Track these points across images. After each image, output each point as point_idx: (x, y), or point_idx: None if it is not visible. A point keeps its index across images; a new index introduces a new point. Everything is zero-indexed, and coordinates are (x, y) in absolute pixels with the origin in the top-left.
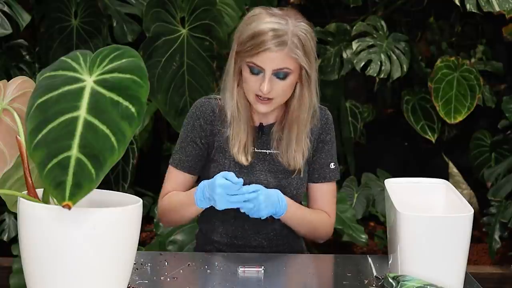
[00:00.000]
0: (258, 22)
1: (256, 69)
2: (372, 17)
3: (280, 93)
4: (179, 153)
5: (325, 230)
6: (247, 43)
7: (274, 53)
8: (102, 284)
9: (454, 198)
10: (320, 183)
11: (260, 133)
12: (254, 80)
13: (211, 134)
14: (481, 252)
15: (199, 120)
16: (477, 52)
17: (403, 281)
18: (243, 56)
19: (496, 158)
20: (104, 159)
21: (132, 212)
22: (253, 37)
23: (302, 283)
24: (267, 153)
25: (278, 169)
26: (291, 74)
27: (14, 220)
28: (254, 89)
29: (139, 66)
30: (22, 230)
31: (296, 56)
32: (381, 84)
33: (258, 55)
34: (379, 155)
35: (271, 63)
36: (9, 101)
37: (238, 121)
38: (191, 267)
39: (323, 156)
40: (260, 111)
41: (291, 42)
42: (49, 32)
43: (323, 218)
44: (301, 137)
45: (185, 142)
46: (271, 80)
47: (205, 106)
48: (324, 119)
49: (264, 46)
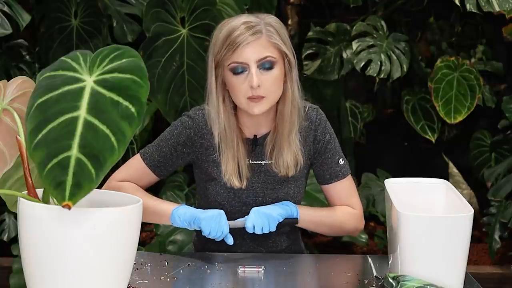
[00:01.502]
0: (228, 24)
1: (240, 67)
2: (372, 17)
3: (271, 87)
4: (153, 149)
5: (353, 223)
6: (223, 46)
7: (253, 43)
8: (102, 284)
9: (454, 198)
10: (334, 183)
11: (254, 146)
12: (240, 81)
13: (201, 147)
14: (481, 252)
15: (190, 130)
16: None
17: (403, 281)
18: (223, 61)
19: (496, 158)
20: (104, 159)
21: (132, 212)
22: (227, 37)
23: (302, 283)
24: (262, 164)
25: (274, 180)
26: (276, 64)
27: (14, 220)
28: (243, 91)
29: (139, 66)
30: (22, 230)
31: (276, 42)
32: (381, 84)
33: (236, 51)
34: (379, 155)
35: (253, 55)
36: (9, 101)
37: (226, 139)
38: (191, 267)
39: (328, 156)
40: (254, 112)
41: (266, 31)
42: (49, 32)
43: (347, 212)
44: (291, 138)
45: (164, 142)
46: (258, 74)
47: (200, 117)
48: (317, 120)
49: (240, 40)
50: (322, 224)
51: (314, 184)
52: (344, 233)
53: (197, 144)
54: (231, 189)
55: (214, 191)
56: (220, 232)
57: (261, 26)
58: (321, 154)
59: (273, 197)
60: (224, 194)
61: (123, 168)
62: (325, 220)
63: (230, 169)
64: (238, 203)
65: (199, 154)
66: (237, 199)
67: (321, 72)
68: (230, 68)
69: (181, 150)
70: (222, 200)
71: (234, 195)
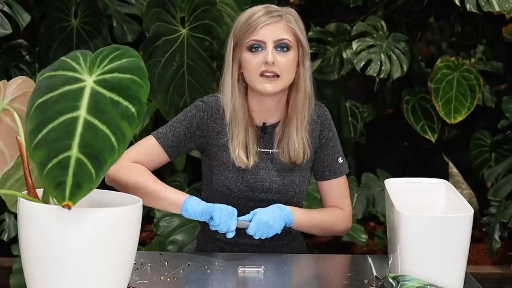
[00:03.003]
0: (250, 10)
1: (257, 44)
2: (372, 17)
3: (285, 67)
4: (167, 129)
5: (342, 225)
6: (243, 27)
7: (272, 24)
8: (102, 284)
9: (454, 198)
10: (331, 180)
11: (263, 133)
12: (256, 58)
13: (213, 131)
14: (481, 252)
15: (204, 112)
16: (477, 52)
17: (403, 281)
18: (241, 40)
19: (496, 158)
20: (104, 159)
21: (132, 212)
22: (248, 18)
23: (302, 283)
24: (270, 152)
25: (281, 168)
26: (292, 48)
27: (14, 220)
28: (257, 67)
29: (139, 66)
30: (22, 230)
31: (293, 27)
32: (381, 84)
33: (256, 30)
34: (379, 155)
35: (272, 34)
36: (9, 101)
37: (236, 122)
38: (191, 267)
39: (330, 153)
40: (266, 90)
41: (286, 17)
42: (49, 32)
43: (336, 214)
44: (301, 128)
45: (178, 123)
46: (273, 53)
47: (213, 103)
48: (323, 116)
49: (260, 21)
50: (314, 227)
51: (314, 184)
52: (333, 234)
53: (209, 128)
54: (239, 173)
55: (222, 176)
56: (227, 228)
57: (281, 12)
58: (323, 149)
59: (280, 183)
60: (233, 178)
61: (134, 148)
62: (317, 224)
63: (239, 148)
64: (246, 187)
65: (210, 138)
66: (245, 183)
67: (321, 72)
68: (247, 46)
69: (194, 132)
70: (230, 184)
71: (242, 179)
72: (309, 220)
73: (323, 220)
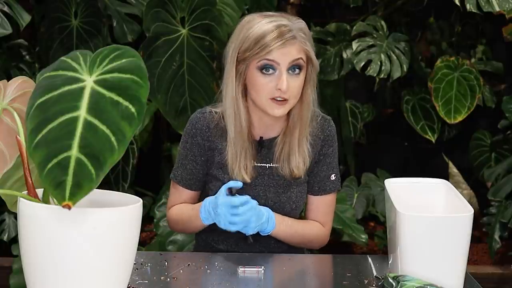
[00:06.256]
0: (259, 25)
1: (269, 65)
2: (372, 17)
3: (295, 92)
4: (180, 170)
5: (318, 241)
6: (254, 47)
7: (288, 47)
8: (102, 284)
9: (454, 198)
10: (319, 196)
11: (260, 148)
12: (267, 81)
13: (210, 149)
14: (481, 252)
15: (196, 137)
16: (477, 52)
17: (403, 281)
18: (251, 59)
19: (496, 158)
20: (104, 159)
21: (132, 212)
22: (261, 38)
23: (302, 283)
24: (267, 167)
25: (278, 183)
26: (303, 69)
27: (14, 220)
28: (269, 91)
29: (139, 66)
30: (22, 230)
31: (307, 48)
32: (381, 84)
33: (271, 52)
34: (379, 155)
35: (286, 58)
36: (9, 101)
37: (239, 138)
38: (191, 267)
39: (324, 169)
40: (275, 114)
41: (299, 36)
42: (49, 32)
43: (317, 231)
44: (302, 141)
45: (185, 159)
46: (287, 77)
47: (200, 122)
48: (327, 131)
49: (275, 44)
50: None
51: None
52: (308, 247)
53: (206, 148)
54: None
55: (219, 180)
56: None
57: (294, 32)
58: (318, 165)
59: (275, 200)
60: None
61: (169, 197)
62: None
63: (236, 164)
64: None
65: (209, 156)
66: None
67: (321, 72)
68: (258, 66)
69: (200, 159)
70: None
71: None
72: (290, 233)
73: (306, 232)
